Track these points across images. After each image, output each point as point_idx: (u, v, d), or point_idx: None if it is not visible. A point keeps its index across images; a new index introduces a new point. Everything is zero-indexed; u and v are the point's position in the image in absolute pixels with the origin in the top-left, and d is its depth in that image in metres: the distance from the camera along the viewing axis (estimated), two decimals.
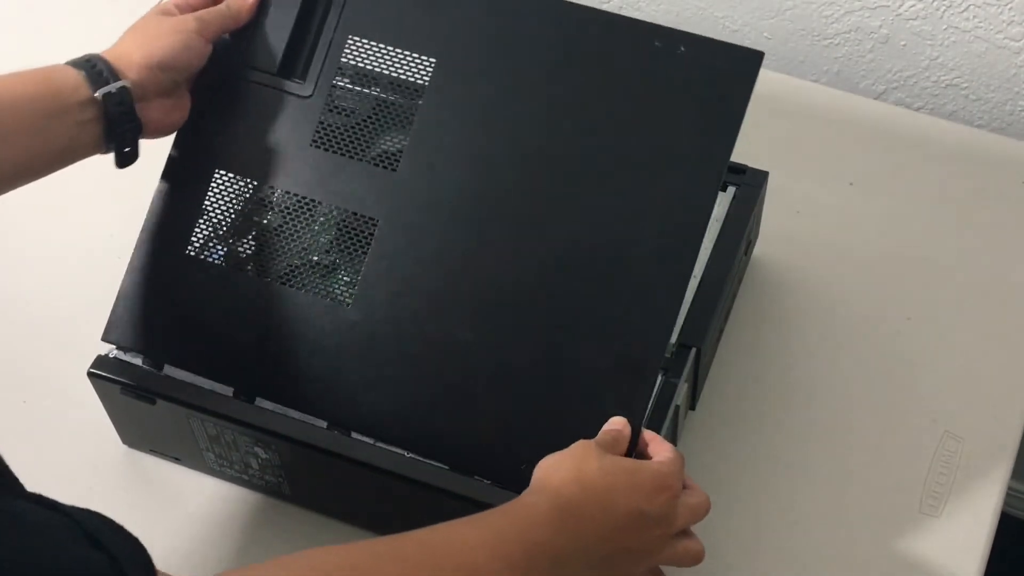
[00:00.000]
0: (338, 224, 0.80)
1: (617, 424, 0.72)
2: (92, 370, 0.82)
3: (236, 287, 0.81)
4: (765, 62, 0.77)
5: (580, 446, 0.70)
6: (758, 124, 0.85)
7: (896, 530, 0.83)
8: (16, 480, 0.54)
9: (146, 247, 0.82)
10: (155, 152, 0.82)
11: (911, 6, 1.10)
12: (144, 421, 0.84)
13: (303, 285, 0.80)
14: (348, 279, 0.79)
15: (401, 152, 0.79)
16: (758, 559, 0.82)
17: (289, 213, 0.81)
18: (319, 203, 0.80)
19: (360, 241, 0.79)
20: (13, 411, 0.92)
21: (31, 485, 0.55)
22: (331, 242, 0.80)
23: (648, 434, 0.73)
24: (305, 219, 0.81)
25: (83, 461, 0.89)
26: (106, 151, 0.78)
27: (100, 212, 1.04)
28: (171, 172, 0.83)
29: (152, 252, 0.82)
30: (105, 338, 0.82)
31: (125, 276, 0.82)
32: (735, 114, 0.76)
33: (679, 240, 0.75)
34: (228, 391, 0.80)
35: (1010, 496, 1.05)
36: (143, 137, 0.79)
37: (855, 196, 1.03)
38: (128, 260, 0.83)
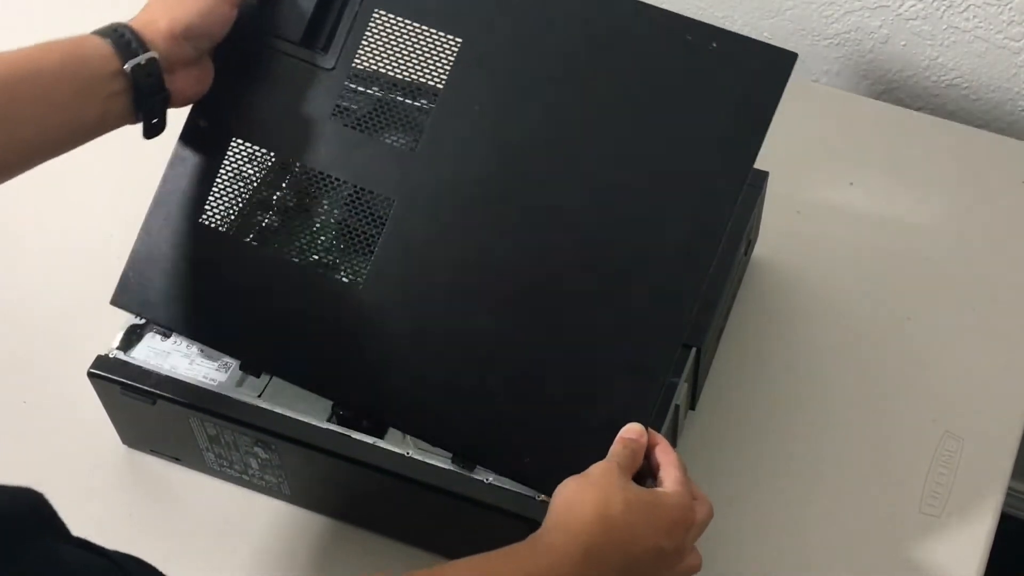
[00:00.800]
0: (353, 201, 0.79)
1: (632, 433, 0.72)
2: (92, 370, 0.81)
3: (247, 260, 0.80)
4: None
5: (603, 475, 0.69)
6: None
7: (896, 530, 0.83)
8: (63, 524, 0.54)
9: (159, 213, 0.81)
10: (156, 152, 0.82)
11: (911, 6, 1.10)
12: (144, 421, 0.84)
13: (315, 262, 0.79)
14: (362, 259, 0.78)
15: (421, 132, 0.78)
16: (758, 559, 0.82)
17: (304, 187, 0.80)
18: (335, 179, 0.79)
19: (375, 220, 0.77)
20: (13, 411, 0.92)
21: (31, 485, 0.55)
22: (346, 219, 0.79)
23: (654, 437, 0.73)
24: (320, 194, 0.79)
25: (83, 461, 0.88)
26: (134, 122, 0.77)
27: (100, 213, 1.04)
28: (188, 138, 0.81)
29: (164, 218, 0.81)
30: (114, 302, 0.82)
31: (136, 240, 0.81)
32: (763, 117, 0.74)
33: (697, 244, 0.74)
34: (228, 392, 0.80)
35: (1010, 496, 1.05)
36: (170, 107, 0.78)
37: (855, 196, 1.03)
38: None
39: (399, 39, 0.79)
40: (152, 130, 0.78)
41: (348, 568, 0.82)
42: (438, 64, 0.78)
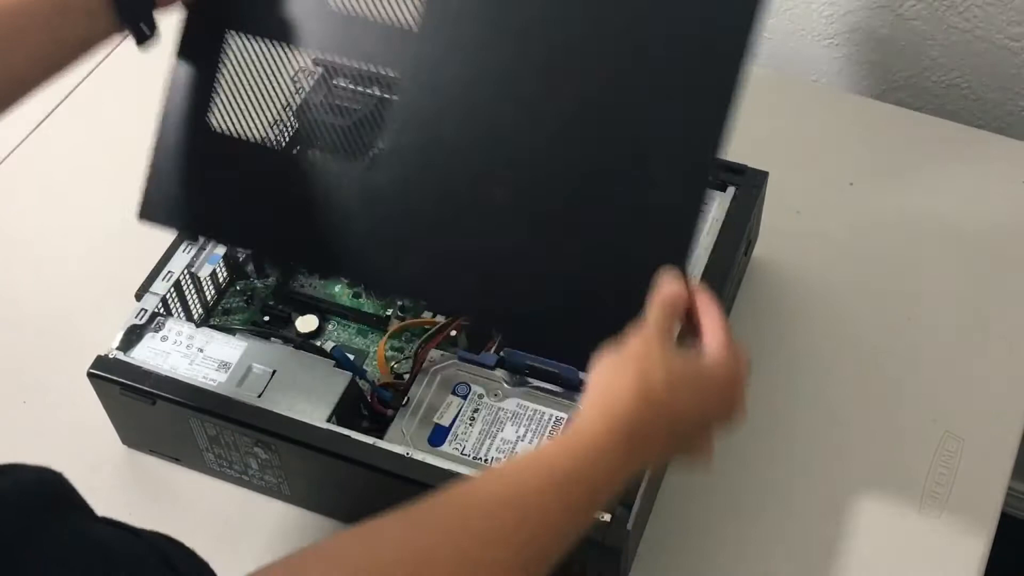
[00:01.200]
0: (359, 84, 0.77)
1: (668, 289, 0.66)
2: (92, 370, 0.81)
3: (260, 156, 0.79)
4: (765, 61, 0.76)
5: (639, 346, 0.63)
6: (758, 124, 0.85)
7: (896, 530, 0.83)
8: (87, 504, 0.54)
9: (168, 121, 0.80)
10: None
11: (911, 6, 1.10)
12: (144, 421, 0.84)
13: (327, 149, 0.77)
14: (372, 141, 0.76)
15: (422, 11, 0.75)
16: (758, 558, 0.82)
17: (308, 75, 0.78)
18: (339, 62, 0.77)
19: (383, 101, 0.76)
20: (13, 411, 0.92)
21: None
22: (353, 102, 0.78)
23: (693, 290, 0.67)
24: (325, 80, 0.78)
25: (83, 461, 0.88)
26: (122, 31, 0.74)
27: (100, 212, 1.04)
28: (184, 40, 0.79)
29: (174, 126, 0.80)
30: (142, 216, 0.81)
31: (152, 152, 0.80)
32: None
33: (716, 73, 0.69)
34: (228, 392, 0.80)
35: (1010, 496, 1.05)
36: (158, 8, 0.75)
37: (855, 196, 1.03)
38: (130, 255, 0.82)
39: None
40: (144, 38, 0.75)
41: None
42: None
